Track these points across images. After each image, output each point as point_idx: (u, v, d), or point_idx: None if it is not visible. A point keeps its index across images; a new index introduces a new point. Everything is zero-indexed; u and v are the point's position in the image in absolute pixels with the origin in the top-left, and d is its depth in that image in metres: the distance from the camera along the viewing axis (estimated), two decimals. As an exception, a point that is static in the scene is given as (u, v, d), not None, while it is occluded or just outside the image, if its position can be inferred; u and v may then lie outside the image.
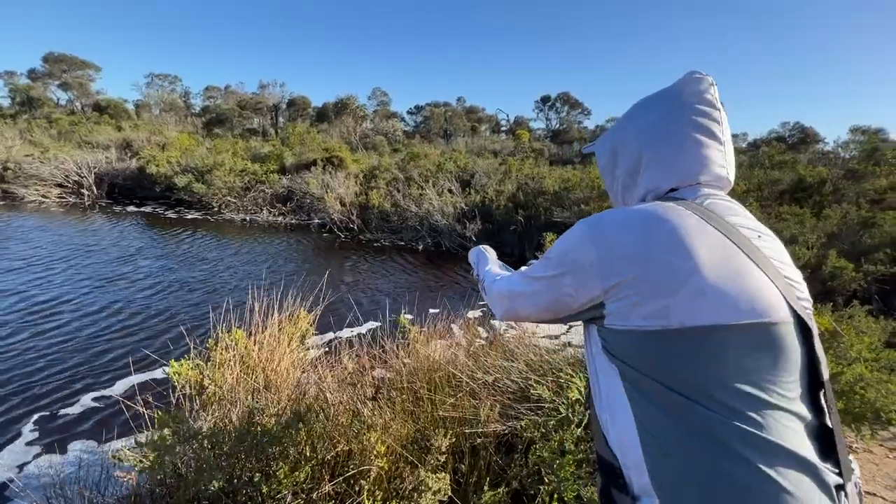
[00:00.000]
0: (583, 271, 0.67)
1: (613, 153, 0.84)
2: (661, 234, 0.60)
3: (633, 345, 0.62)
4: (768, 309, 0.57)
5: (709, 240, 0.60)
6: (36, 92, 33.16)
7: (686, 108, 0.74)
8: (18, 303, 5.03)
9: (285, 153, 14.10)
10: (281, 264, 7.58)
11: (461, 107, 42.10)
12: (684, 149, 0.73)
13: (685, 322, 0.57)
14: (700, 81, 0.75)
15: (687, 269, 0.58)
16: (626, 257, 0.62)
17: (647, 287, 0.59)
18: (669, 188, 0.75)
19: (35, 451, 2.73)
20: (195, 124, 32.86)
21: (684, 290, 0.57)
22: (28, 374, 3.59)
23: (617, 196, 0.86)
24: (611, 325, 0.66)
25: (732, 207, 0.69)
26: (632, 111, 0.82)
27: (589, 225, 0.69)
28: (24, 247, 7.54)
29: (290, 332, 2.18)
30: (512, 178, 11.11)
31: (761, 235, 0.66)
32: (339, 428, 1.46)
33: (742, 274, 0.58)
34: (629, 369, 0.63)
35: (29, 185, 12.82)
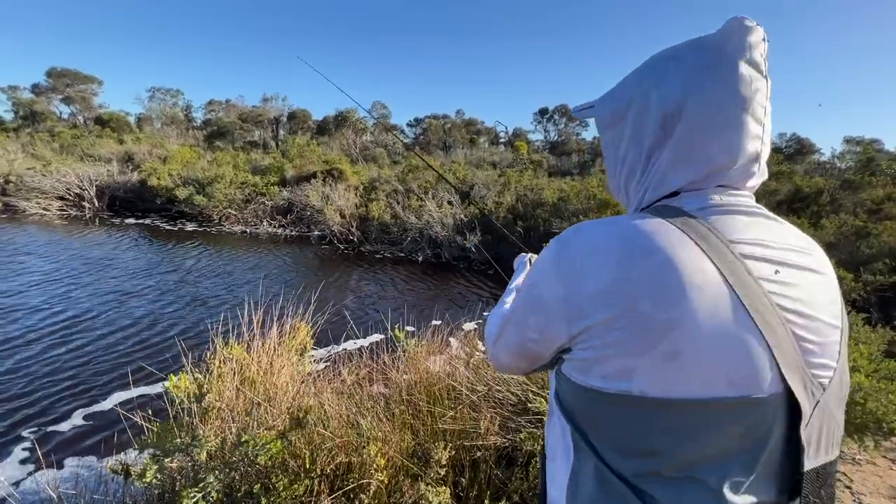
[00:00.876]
0: (547, 310, 0.55)
1: (621, 123, 0.62)
2: (644, 270, 0.47)
3: (586, 403, 0.53)
4: (750, 382, 0.46)
5: (702, 283, 0.46)
6: (39, 106, 33.48)
7: (728, 66, 0.52)
8: (17, 317, 5.02)
9: (286, 165, 14.20)
10: (281, 276, 7.58)
11: (460, 119, 42.48)
12: (714, 129, 0.53)
13: (647, 391, 0.47)
14: (750, 31, 0.53)
15: (666, 322, 0.45)
16: (596, 296, 0.49)
17: (616, 338, 0.48)
18: (676, 188, 0.57)
19: (31, 467, 2.70)
20: (197, 137, 33.10)
21: (656, 351, 0.46)
22: (25, 389, 3.57)
23: (619, 186, 0.66)
24: (567, 374, 0.55)
25: (751, 222, 0.53)
26: (657, 62, 0.59)
27: (559, 247, 0.55)
28: (23, 260, 7.55)
29: (289, 345, 2.19)
30: (511, 190, 11.17)
31: (781, 268, 0.50)
32: (338, 440, 1.46)
33: (731, 334, 0.45)
34: (575, 427, 0.55)
35: (30, 197, 12.87)
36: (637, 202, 0.62)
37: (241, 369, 1.90)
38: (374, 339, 4.56)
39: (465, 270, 8.71)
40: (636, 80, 0.60)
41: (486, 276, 8.38)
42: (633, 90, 0.60)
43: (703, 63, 0.54)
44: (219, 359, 1.84)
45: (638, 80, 0.60)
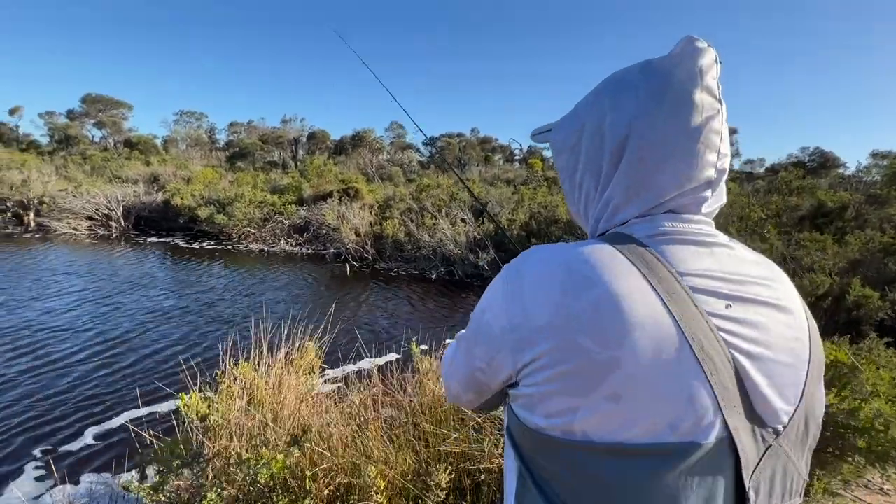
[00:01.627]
0: (493, 340, 0.52)
1: (576, 149, 0.60)
2: (583, 303, 0.45)
3: (531, 442, 0.51)
4: (693, 427, 0.43)
5: (645, 319, 0.43)
6: (73, 130, 35.18)
7: (679, 96, 0.50)
8: (40, 336, 5.20)
9: (303, 185, 14.54)
10: (295, 294, 7.70)
11: (475, 137, 42.96)
12: (665, 160, 0.51)
13: (590, 434, 0.44)
14: (701, 55, 0.51)
15: (607, 361, 0.43)
16: (540, 330, 0.46)
17: (559, 376, 0.45)
18: (629, 218, 0.55)
19: (49, 483, 2.77)
20: (219, 158, 34.21)
21: (598, 392, 0.43)
22: (40, 406, 3.69)
23: (579, 209, 0.63)
24: (516, 412, 0.53)
25: (703, 252, 0.50)
26: (607, 88, 0.57)
27: (508, 274, 0.53)
28: (50, 279, 7.85)
29: (298, 365, 2.22)
30: (525, 207, 11.19)
31: (734, 303, 0.47)
32: (339, 461, 1.47)
33: (674, 375, 0.43)
34: (525, 471, 0.52)
35: (62, 217, 13.45)
36: (592, 230, 0.61)
37: (249, 388, 1.94)
38: (385, 358, 4.58)
39: (479, 288, 8.70)
40: (590, 104, 0.58)
41: (500, 293, 8.34)
42: (585, 115, 0.58)
43: (651, 90, 0.52)
44: (228, 378, 1.89)
45: (591, 104, 0.58)
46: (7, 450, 3.10)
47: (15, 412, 3.53)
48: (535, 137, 0.71)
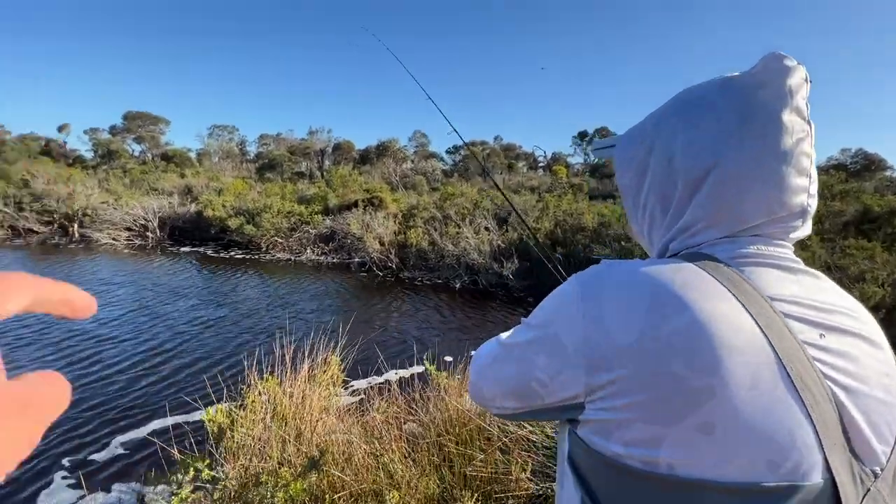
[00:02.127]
0: (563, 354, 0.48)
1: (642, 169, 0.57)
2: (675, 327, 0.41)
3: (606, 474, 0.46)
4: (796, 467, 0.39)
5: (742, 345, 0.40)
6: (115, 145, 37.08)
7: (767, 118, 0.47)
8: (72, 343, 5.41)
9: (329, 195, 14.79)
10: (320, 304, 7.78)
11: (498, 145, 42.93)
12: (751, 187, 0.48)
13: (676, 468, 0.40)
14: (789, 73, 0.47)
15: (699, 390, 0.39)
16: (623, 352, 0.43)
17: (643, 400, 0.42)
18: (706, 241, 0.51)
19: (79, 493, 2.84)
20: (249, 170, 35.32)
21: (687, 422, 0.40)
22: (69, 416, 3.80)
23: (642, 230, 0.60)
24: (584, 438, 0.48)
25: (790, 278, 0.47)
26: (681, 107, 0.53)
27: (584, 290, 0.49)
28: (93, 288, 8.20)
29: (321, 379, 2.20)
30: (549, 215, 11.03)
31: (827, 333, 0.44)
32: (359, 486, 1.43)
33: (773, 407, 0.39)
34: (586, 496, 0.48)
35: (102, 229, 14.09)
36: (661, 249, 0.57)
37: (273, 403, 1.93)
38: (407, 370, 4.54)
39: (503, 298, 8.59)
40: (659, 123, 0.55)
41: (524, 303, 8.22)
42: (655, 135, 0.55)
43: (734, 111, 0.49)
44: (253, 392, 1.88)
45: (661, 124, 0.55)
46: (40, 456, 3.20)
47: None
48: (597, 152, 0.68)
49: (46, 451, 3.23)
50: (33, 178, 15.44)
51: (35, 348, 5.10)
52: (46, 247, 12.90)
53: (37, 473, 3.02)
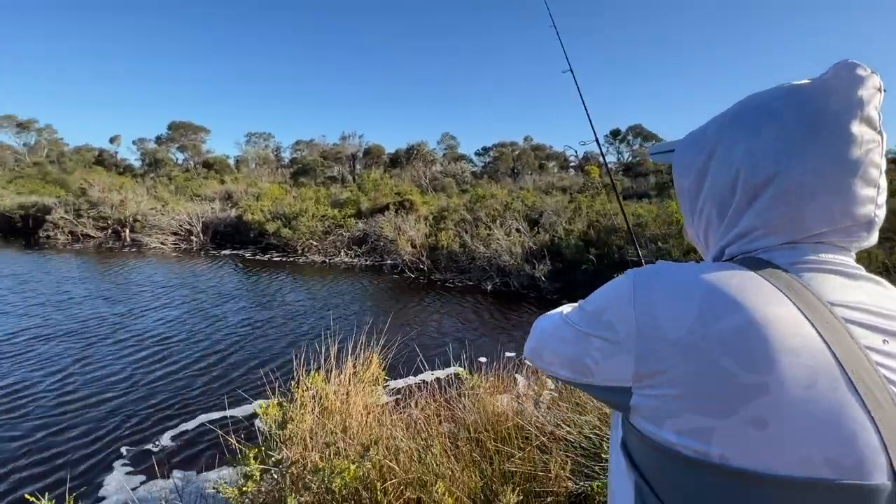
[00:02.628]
0: (616, 340, 0.51)
1: (702, 174, 0.58)
2: (726, 326, 0.43)
3: (659, 462, 0.47)
4: (859, 466, 0.39)
5: (797, 346, 0.41)
6: (161, 154, 39.20)
7: (834, 128, 0.47)
8: (130, 339, 5.79)
9: (361, 198, 15.14)
10: (356, 305, 7.99)
11: (528, 145, 42.55)
12: (814, 196, 0.48)
13: (729, 459, 0.41)
14: (862, 83, 0.47)
15: (750, 385, 0.41)
16: (673, 345, 0.45)
17: (692, 393, 0.43)
18: (765, 247, 0.52)
19: (140, 478, 3.06)
20: (284, 175, 36.50)
21: (740, 415, 0.41)
22: (130, 407, 4.08)
23: (698, 234, 0.62)
24: (636, 426, 0.50)
25: (853, 285, 0.47)
26: (745, 114, 0.54)
27: (638, 283, 0.51)
28: (142, 287, 8.73)
29: (363, 376, 2.30)
30: (582, 216, 10.88)
31: (891, 339, 0.44)
32: (407, 476, 1.51)
33: (832, 408, 0.40)
34: (647, 488, 0.49)
35: (151, 233, 14.96)
36: (717, 253, 0.58)
37: (320, 399, 2.04)
38: (442, 371, 4.61)
39: (535, 299, 8.54)
40: (721, 130, 0.56)
41: (556, 305, 8.14)
42: (716, 141, 0.56)
43: (801, 121, 0.49)
44: (301, 388, 2.00)
45: (723, 130, 0.55)
46: (102, 444, 3.46)
47: (112, 408, 3.95)
48: (655, 157, 0.70)
49: (108, 441, 3.49)
50: (89, 187, 16.55)
51: (106, 345, 5.49)
52: (102, 251, 13.79)
53: (99, 461, 3.27)
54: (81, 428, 3.65)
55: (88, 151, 41.52)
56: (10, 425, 3.67)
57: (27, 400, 4.07)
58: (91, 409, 3.95)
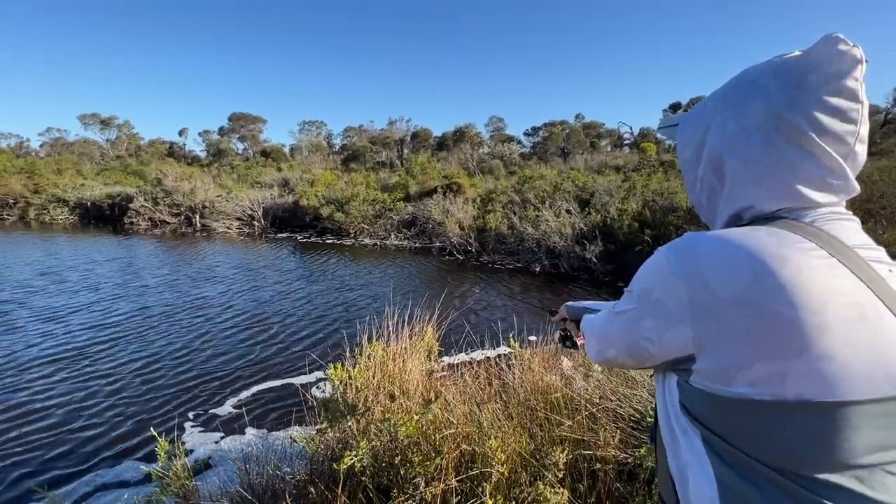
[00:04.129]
0: (668, 314, 0.55)
1: (700, 146, 0.64)
2: (780, 279, 0.47)
3: (727, 413, 0.51)
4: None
5: (842, 287, 0.47)
6: (223, 145, 41.68)
7: (814, 100, 0.52)
8: (211, 313, 6.37)
9: (409, 182, 15.39)
10: (408, 285, 8.26)
11: (579, 124, 40.98)
12: (800, 163, 0.54)
13: (804, 394, 0.46)
14: (840, 57, 0.51)
15: (812, 326, 0.45)
16: (731, 303, 0.49)
17: (759, 344, 0.47)
18: (773, 210, 0.58)
19: (218, 435, 3.43)
20: (335, 161, 37.70)
21: (808, 354, 0.45)
22: (219, 369, 4.54)
23: (701, 200, 0.67)
24: (699, 386, 0.53)
25: (854, 227, 0.55)
26: (737, 89, 0.59)
27: (676, 255, 0.55)
28: (216, 268, 9.51)
29: (418, 346, 2.45)
30: (637, 195, 10.46)
31: (892, 267, 0.51)
32: (462, 430, 1.63)
33: (880, 331, 0.46)
34: (717, 439, 0.53)
35: (219, 219, 16.11)
36: (731, 219, 0.63)
37: (381, 365, 2.21)
38: (491, 348, 4.72)
39: (586, 281, 8.40)
40: (718, 103, 0.61)
41: (608, 287, 7.98)
42: (712, 116, 0.61)
43: (785, 94, 0.53)
44: (364, 354, 2.18)
45: (718, 104, 0.61)
46: (175, 404, 3.90)
47: (196, 372, 4.43)
48: (662, 130, 0.75)
49: (182, 402, 3.92)
50: (164, 177, 18.02)
51: (193, 321, 6.11)
52: (177, 235, 15.07)
53: (182, 417, 3.69)
54: (167, 391, 4.13)
55: (161, 144, 45.01)
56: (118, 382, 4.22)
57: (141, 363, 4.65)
58: (183, 371, 4.45)
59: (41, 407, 3.77)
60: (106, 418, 3.63)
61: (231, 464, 2.62)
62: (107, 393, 4.02)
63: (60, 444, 3.29)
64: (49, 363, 4.60)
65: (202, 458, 3.06)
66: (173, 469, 2.02)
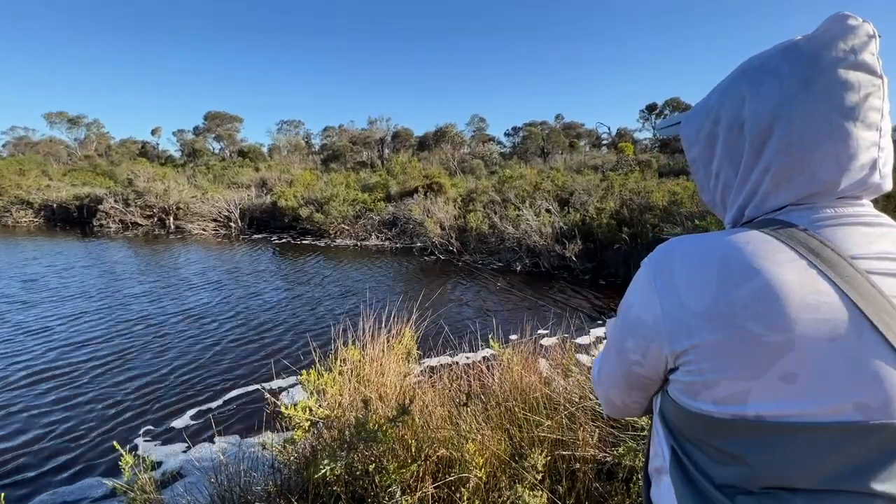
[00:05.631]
0: (646, 331, 0.53)
1: (711, 140, 0.59)
2: (746, 291, 0.45)
3: (696, 427, 0.51)
4: (886, 406, 0.42)
5: (816, 303, 0.43)
6: (198, 144, 40.65)
7: (830, 76, 0.48)
8: (195, 316, 6.17)
9: (390, 182, 15.27)
10: (387, 286, 8.17)
11: (559, 124, 41.48)
12: (818, 145, 0.49)
13: (763, 414, 0.44)
14: (853, 32, 0.48)
15: (777, 344, 0.43)
16: (701, 317, 0.47)
17: (725, 361, 0.46)
18: (781, 205, 0.53)
19: (190, 444, 3.29)
20: (315, 161, 37.21)
21: (771, 373, 0.44)
22: (190, 377, 4.39)
23: (715, 199, 0.62)
24: (674, 396, 0.53)
25: (874, 233, 0.48)
26: (745, 75, 0.55)
27: (654, 266, 0.53)
28: (190, 271, 9.23)
29: (396, 349, 2.40)
30: (615, 194, 10.61)
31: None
32: (439, 434, 1.59)
33: (857, 355, 0.42)
34: (685, 445, 0.53)
35: (193, 220, 15.68)
36: (736, 217, 0.59)
37: (356, 369, 2.15)
38: (473, 348, 4.70)
39: (566, 280, 8.47)
40: (724, 93, 0.57)
41: (588, 285, 8.06)
42: (721, 105, 0.57)
43: (798, 75, 0.50)
44: (339, 359, 2.12)
45: (726, 93, 0.57)
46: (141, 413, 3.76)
47: (161, 380, 4.27)
48: (663, 131, 0.73)
49: (148, 411, 3.77)
50: (135, 178, 17.43)
51: (177, 324, 5.90)
52: (150, 238, 14.60)
53: (134, 431, 3.54)
54: (132, 402, 3.96)
55: (133, 144, 43.60)
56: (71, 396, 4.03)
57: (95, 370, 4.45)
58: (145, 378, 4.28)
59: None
60: (66, 431, 3.45)
61: (201, 475, 2.52)
62: (67, 404, 3.83)
63: (16, 458, 3.11)
64: (2, 373, 4.37)
65: (171, 469, 2.94)
66: (139, 483, 1.92)
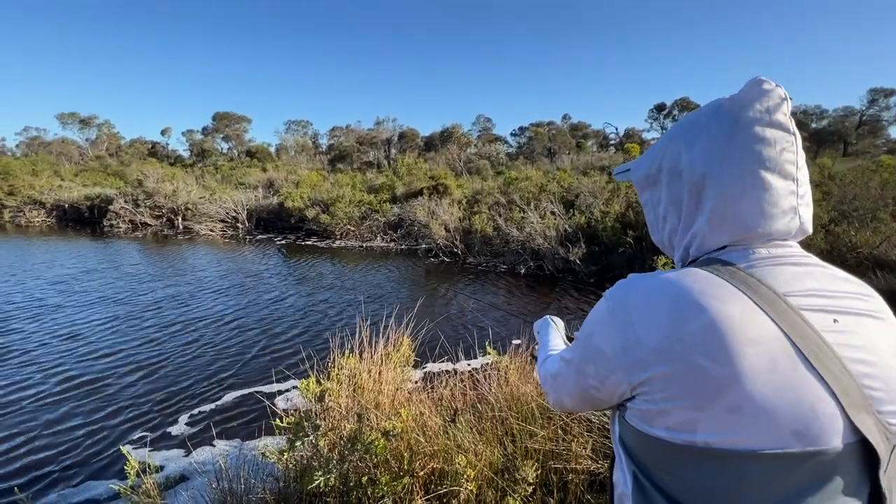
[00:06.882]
0: (605, 362, 0.58)
1: (657, 186, 0.67)
2: (695, 328, 0.49)
3: (651, 450, 0.55)
4: (819, 434, 0.46)
5: (757, 337, 0.47)
6: (207, 145, 41.07)
7: (748, 134, 0.56)
8: (200, 319, 6.26)
9: (396, 183, 15.34)
10: (390, 288, 8.22)
11: (566, 124, 41.33)
12: (744, 193, 0.56)
13: (711, 442, 0.48)
14: (767, 95, 0.56)
15: (723, 378, 0.47)
16: (655, 352, 0.51)
17: (676, 392, 0.50)
18: (719, 245, 0.60)
19: (192, 448, 3.34)
20: (322, 161, 37.39)
21: (716, 405, 0.48)
22: (183, 382, 4.46)
23: (664, 240, 0.70)
24: (630, 421, 0.58)
25: (802, 272, 0.54)
26: (681, 131, 0.63)
27: (613, 302, 0.59)
28: (197, 272, 9.35)
29: (394, 357, 2.44)
30: (620, 197, 10.57)
31: (839, 317, 0.50)
32: (432, 448, 1.62)
33: (793, 386, 0.46)
34: (641, 472, 0.57)
35: (202, 221, 15.85)
36: (682, 256, 0.66)
37: (354, 377, 2.19)
38: (471, 357, 4.72)
39: (570, 283, 8.46)
40: (666, 145, 0.65)
41: (592, 288, 8.04)
42: (663, 157, 0.65)
43: (722, 131, 0.58)
44: (337, 367, 2.16)
45: (666, 146, 0.65)
46: (146, 416, 3.83)
47: (165, 383, 4.34)
48: (618, 176, 0.79)
49: (153, 415, 3.84)
50: (145, 178, 17.66)
51: (183, 327, 5.99)
52: (159, 238, 14.79)
53: (140, 435, 3.61)
54: (138, 406, 4.04)
55: (143, 144, 44.13)
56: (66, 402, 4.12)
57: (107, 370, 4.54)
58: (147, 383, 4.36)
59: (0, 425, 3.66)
60: (73, 435, 3.53)
61: (203, 479, 2.57)
62: (73, 409, 3.91)
63: (24, 462, 3.19)
64: (9, 378, 4.47)
65: (174, 473, 3.00)
66: (143, 487, 1.97)
